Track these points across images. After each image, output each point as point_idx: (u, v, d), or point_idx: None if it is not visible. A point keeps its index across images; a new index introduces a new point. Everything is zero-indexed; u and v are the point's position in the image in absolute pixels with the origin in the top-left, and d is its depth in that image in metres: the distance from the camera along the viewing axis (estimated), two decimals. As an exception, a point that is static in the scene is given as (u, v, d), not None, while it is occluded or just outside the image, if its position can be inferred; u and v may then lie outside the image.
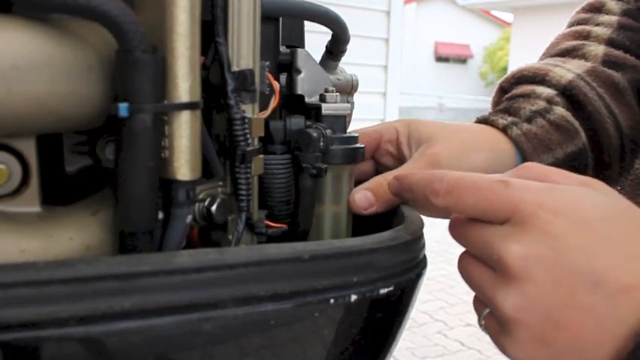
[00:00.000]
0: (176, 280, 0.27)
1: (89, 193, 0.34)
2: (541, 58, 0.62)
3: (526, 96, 0.55)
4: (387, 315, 0.35)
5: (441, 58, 22.63)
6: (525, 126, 0.51)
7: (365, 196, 0.44)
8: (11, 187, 0.30)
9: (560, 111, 0.53)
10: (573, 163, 0.53)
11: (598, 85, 0.54)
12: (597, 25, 0.60)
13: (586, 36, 0.60)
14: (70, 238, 0.30)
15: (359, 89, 0.57)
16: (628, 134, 0.55)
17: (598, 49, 0.57)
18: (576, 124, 0.53)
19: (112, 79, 0.29)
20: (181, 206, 0.31)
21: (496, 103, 0.60)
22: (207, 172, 0.34)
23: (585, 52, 0.58)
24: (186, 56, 0.30)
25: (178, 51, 0.30)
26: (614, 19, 0.60)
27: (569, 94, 0.54)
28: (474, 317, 0.35)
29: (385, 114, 4.10)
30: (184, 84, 0.30)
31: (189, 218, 0.32)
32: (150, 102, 0.28)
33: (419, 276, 0.36)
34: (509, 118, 0.52)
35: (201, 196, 0.35)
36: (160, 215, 0.31)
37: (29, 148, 0.30)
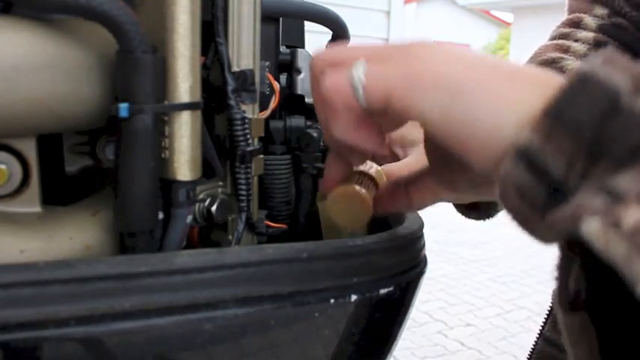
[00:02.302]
0: (176, 280, 0.27)
1: (89, 193, 0.34)
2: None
3: None
4: (387, 315, 0.35)
5: (441, 58, 22.60)
6: None
7: None
8: (11, 187, 0.30)
9: None
10: None
11: None
12: (576, 40, 0.66)
13: (566, 50, 0.65)
14: (71, 238, 0.30)
15: (359, 89, 0.57)
16: None
17: (575, 65, 0.62)
18: None
19: (112, 79, 0.29)
20: (181, 206, 0.31)
21: None
22: (207, 172, 0.34)
23: (563, 66, 0.63)
24: (187, 56, 0.30)
25: (179, 51, 0.30)
26: (590, 35, 0.65)
27: None
28: (474, 317, 0.35)
29: (385, 114, 4.08)
30: (184, 84, 0.30)
31: (189, 218, 0.32)
32: (150, 102, 0.28)
33: (419, 276, 0.36)
34: None
35: (201, 197, 0.35)
36: (160, 215, 0.31)
37: (29, 149, 0.30)
